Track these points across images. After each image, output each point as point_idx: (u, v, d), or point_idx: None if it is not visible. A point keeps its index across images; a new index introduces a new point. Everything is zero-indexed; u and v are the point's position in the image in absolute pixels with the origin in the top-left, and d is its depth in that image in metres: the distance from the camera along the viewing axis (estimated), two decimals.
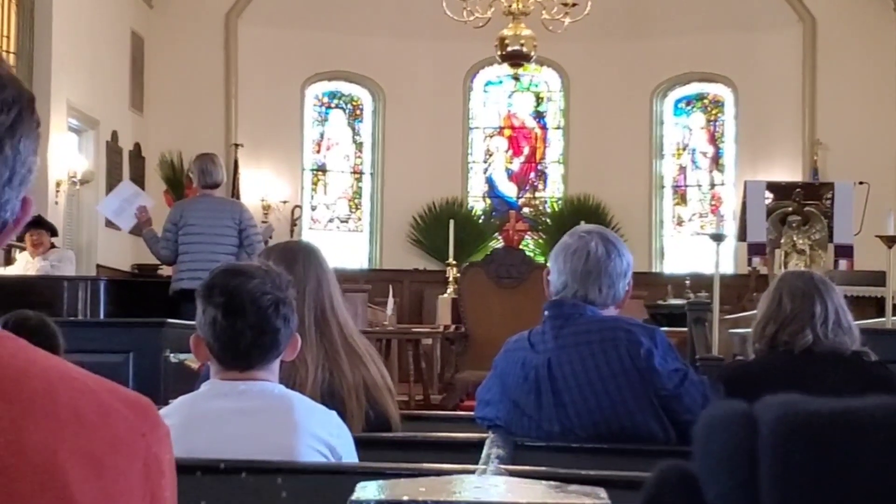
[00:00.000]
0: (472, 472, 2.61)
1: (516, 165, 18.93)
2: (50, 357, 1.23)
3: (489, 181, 18.82)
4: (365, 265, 17.95)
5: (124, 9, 15.72)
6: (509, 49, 13.56)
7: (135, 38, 16.11)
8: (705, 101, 18.37)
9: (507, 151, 18.94)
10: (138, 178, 15.86)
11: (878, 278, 10.37)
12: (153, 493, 1.22)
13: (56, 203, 13.14)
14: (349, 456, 2.90)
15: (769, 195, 11.70)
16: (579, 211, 16.99)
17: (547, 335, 3.49)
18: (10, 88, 1.24)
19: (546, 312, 3.54)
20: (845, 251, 11.72)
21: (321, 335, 3.46)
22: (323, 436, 2.81)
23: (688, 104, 18.35)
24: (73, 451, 1.15)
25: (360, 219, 18.49)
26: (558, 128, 18.74)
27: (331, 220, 18.43)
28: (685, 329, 8.61)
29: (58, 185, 13.29)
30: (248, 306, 2.75)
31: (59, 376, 1.20)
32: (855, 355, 3.89)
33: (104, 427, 1.19)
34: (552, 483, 1.44)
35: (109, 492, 1.17)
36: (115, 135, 15.30)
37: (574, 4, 13.41)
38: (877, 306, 9.90)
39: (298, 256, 3.58)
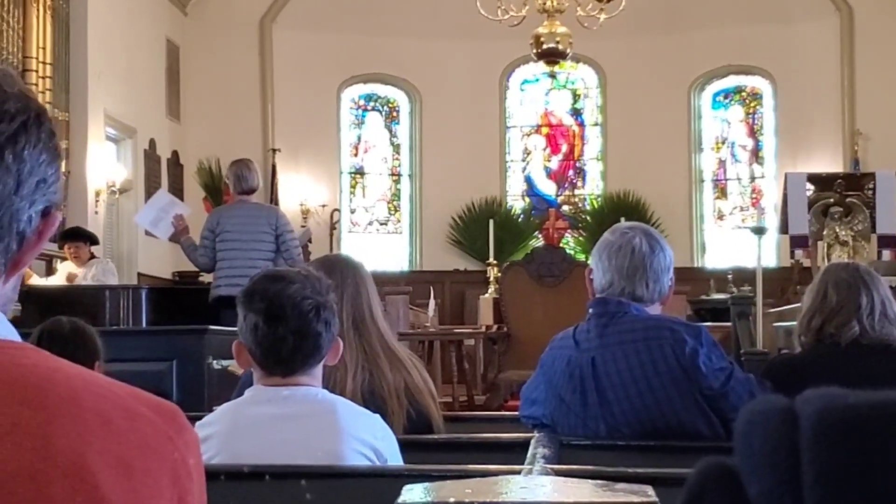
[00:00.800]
0: (518, 472, 2.60)
1: (554, 163, 18.90)
2: (74, 366, 1.24)
3: (528, 180, 18.80)
4: (405, 267, 17.96)
5: (159, 17, 15.81)
6: (545, 47, 13.52)
7: (170, 45, 16.20)
8: (743, 93, 18.28)
9: (544, 149, 18.92)
10: (177, 186, 15.96)
11: None
12: (181, 496, 1.23)
13: (96, 212, 13.22)
14: (394, 459, 2.89)
15: (810, 187, 11.61)
16: (619, 207, 16.94)
17: (591, 333, 3.48)
18: (14, 101, 1.26)
19: (591, 310, 3.53)
20: (889, 241, 11.62)
21: (360, 338, 3.46)
22: (368, 439, 2.80)
23: (726, 97, 18.27)
24: (102, 454, 1.16)
25: (399, 221, 18.51)
26: (596, 124, 18.69)
27: (370, 223, 18.46)
28: (729, 324, 8.57)
29: (97, 194, 13.37)
30: (289, 311, 2.75)
31: (83, 383, 1.21)
32: None
33: (131, 431, 1.20)
34: (599, 482, 1.43)
35: (139, 494, 1.18)
36: (152, 143, 15.39)
37: (609, 0, 13.37)
38: None
39: (339, 266, 3.59)
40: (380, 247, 17.92)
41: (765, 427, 1.07)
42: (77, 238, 10.83)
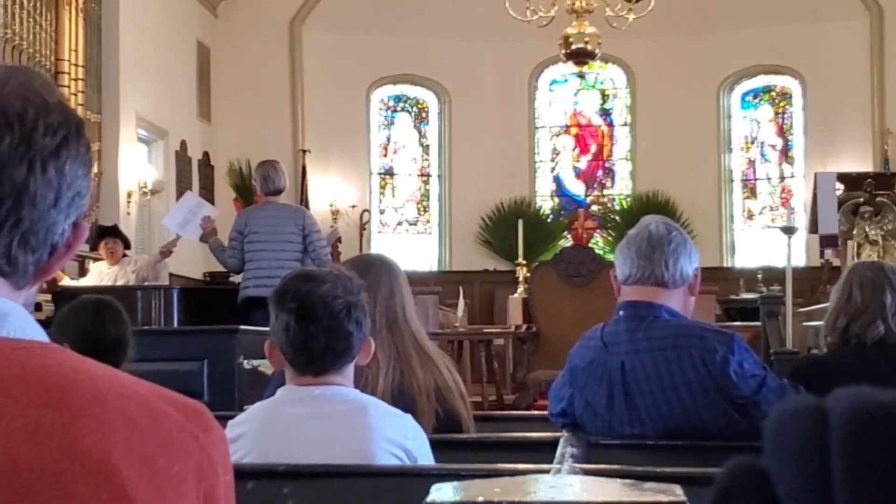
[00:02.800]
0: (547, 471, 2.61)
1: (583, 163, 18.87)
2: (99, 366, 1.25)
3: (557, 180, 18.77)
4: (434, 267, 17.97)
5: (190, 19, 15.87)
6: (574, 47, 13.50)
7: (200, 47, 16.26)
8: (773, 93, 18.20)
9: (573, 150, 18.89)
10: (207, 187, 16.02)
11: None
12: (207, 494, 1.24)
13: (128, 213, 13.29)
14: (425, 458, 2.90)
15: (840, 186, 11.56)
16: (648, 207, 16.87)
17: (620, 336, 3.47)
18: (57, 113, 1.27)
19: (620, 312, 3.52)
20: None
21: (392, 337, 3.48)
22: (398, 439, 2.81)
23: (755, 97, 18.20)
24: (126, 453, 1.17)
25: (428, 221, 18.51)
26: (625, 124, 18.65)
27: (399, 223, 18.48)
28: (758, 323, 8.54)
29: (129, 195, 13.44)
30: (321, 311, 2.77)
31: (107, 383, 1.22)
32: None
33: (155, 429, 1.21)
34: (627, 481, 1.44)
35: (164, 492, 1.19)
36: (183, 144, 15.45)
37: (638, 0, 13.35)
38: None
39: (373, 266, 3.61)
40: (409, 247, 17.93)
41: (794, 425, 1.08)
42: (116, 235, 10.96)
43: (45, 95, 1.28)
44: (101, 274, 10.77)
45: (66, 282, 10.64)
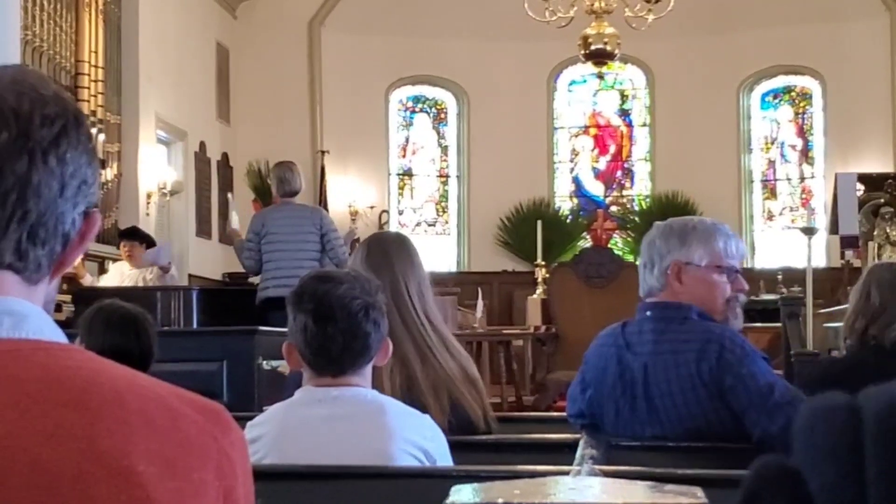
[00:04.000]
0: (567, 473, 2.60)
1: (603, 164, 18.84)
2: (117, 366, 1.26)
3: (576, 181, 18.75)
4: (453, 268, 17.96)
5: (209, 20, 15.89)
6: (593, 48, 13.49)
7: (220, 48, 16.28)
8: (792, 93, 18.15)
9: (592, 150, 18.86)
10: (226, 188, 16.04)
11: None
12: (226, 494, 1.24)
13: (147, 214, 13.32)
14: (444, 459, 2.90)
15: (860, 187, 11.53)
16: (667, 208, 16.85)
17: (646, 336, 3.46)
18: (53, 105, 1.28)
19: (648, 313, 3.52)
20: None
21: (407, 328, 3.48)
22: (417, 440, 2.81)
23: (775, 97, 18.14)
24: (146, 453, 1.18)
25: (447, 222, 18.51)
26: (644, 125, 18.62)
27: (418, 224, 18.47)
28: (779, 324, 8.52)
29: (148, 196, 13.47)
30: (338, 312, 2.77)
31: (126, 384, 1.23)
32: None
33: (174, 430, 1.21)
34: (648, 483, 1.43)
35: (184, 492, 1.19)
36: (202, 145, 15.48)
37: (657, 1, 13.33)
38: None
39: (388, 253, 3.63)
40: (428, 248, 17.93)
41: (827, 422, 1.07)
42: (133, 237, 10.94)
43: (38, 88, 1.29)
44: (122, 275, 10.79)
45: (87, 280, 10.67)
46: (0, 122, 1.25)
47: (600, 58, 13.84)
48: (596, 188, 18.77)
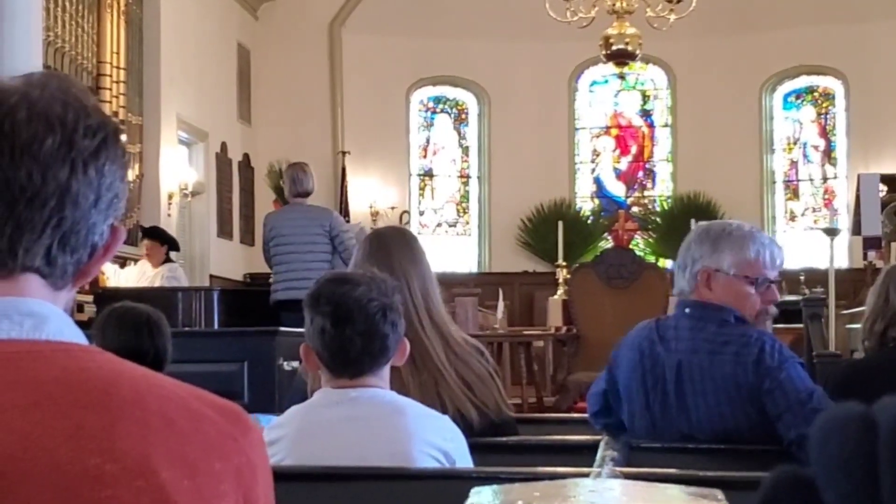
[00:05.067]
0: (587, 475, 2.59)
1: (624, 165, 18.81)
2: (137, 368, 1.26)
3: (597, 181, 18.72)
4: (474, 269, 17.95)
5: (230, 21, 15.93)
6: (614, 48, 13.47)
7: (241, 49, 16.32)
8: (815, 94, 18.08)
9: (614, 151, 18.83)
10: (247, 188, 16.09)
11: None
12: (246, 496, 1.25)
13: (168, 215, 13.36)
14: (463, 460, 2.89)
15: (883, 188, 11.48)
16: (689, 209, 16.81)
17: (682, 332, 3.46)
18: (95, 117, 1.31)
19: (686, 310, 3.51)
20: None
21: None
22: (436, 441, 2.80)
23: (797, 98, 18.08)
24: (166, 454, 1.18)
25: (467, 222, 18.51)
26: (666, 125, 18.58)
27: (439, 225, 18.48)
28: (801, 325, 8.48)
29: (170, 197, 13.51)
30: (356, 314, 2.77)
31: (147, 385, 1.23)
32: None
33: (195, 432, 1.22)
34: (668, 486, 1.43)
35: (204, 493, 1.20)
36: (224, 146, 15.51)
37: (679, 1, 13.30)
38: None
39: (392, 253, 3.63)
40: (449, 248, 17.94)
41: (842, 434, 1.07)
42: (153, 237, 10.98)
43: (82, 99, 1.31)
44: (143, 274, 10.83)
45: (109, 280, 10.71)
46: (46, 127, 1.26)
47: (622, 58, 13.82)
48: (617, 189, 18.74)
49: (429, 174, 18.53)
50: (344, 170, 16.99)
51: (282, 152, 16.24)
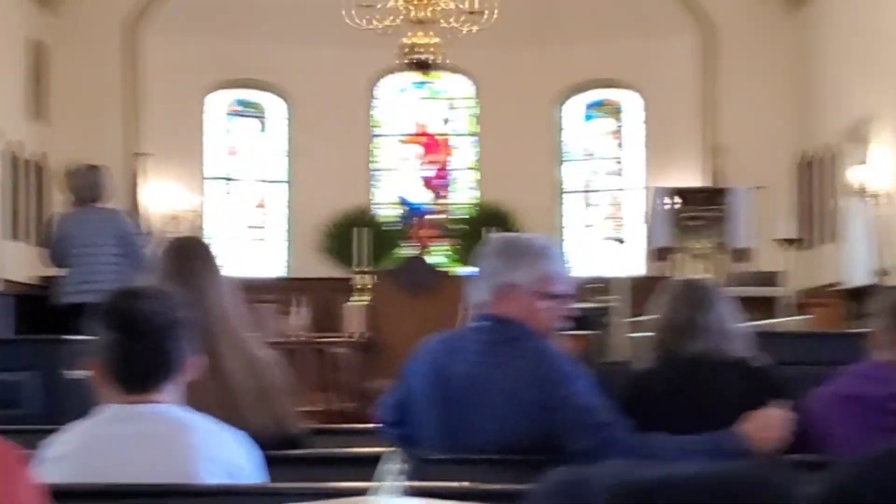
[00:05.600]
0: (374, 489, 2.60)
1: (427, 172, 18.89)
2: None
3: (399, 188, 18.75)
4: (275, 274, 17.80)
5: (18, 17, 15.34)
6: (415, 57, 13.54)
7: (37, 46, 15.80)
8: (610, 106, 18.48)
9: (417, 158, 18.90)
10: (42, 189, 15.60)
11: (775, 279, 10.65)
12: None
13: None
14: (257, 477, 2.86)
15: (678, 200, 11.85)
16: (490, 217, 16.98)
17: (474, 346, 3.51)
18: None
19: (478, 324, 3.56)
20: (743, 254, 11.94)
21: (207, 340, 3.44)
22: (226, 457, 2.77)
23: (592, 110, 18.44)
24: None
25: (269, 227, 18.35)
26: (469, 134, 18.73)
27: (239, 229, 18.24)
28: (588, 332, 8.66)
29: None
30: (143, 328, 2.73)
31: None
32: (741, 361, 3.92)
33: None
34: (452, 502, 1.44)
35: None
36: (15, 145, 14.96)
37: (479, 13, 13.44)
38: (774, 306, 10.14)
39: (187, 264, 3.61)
40: (249, 253, 17.76)
41: (555, 499, 1.10)
42: None
43: None
44: None
45: None
46: None
47: (421, 67, 13.90)
48: (420, 196, 18.80)
49: (230, 178, 18.29)
50: (140, 172, 16.60)
51: (81, 152, 15.77)
